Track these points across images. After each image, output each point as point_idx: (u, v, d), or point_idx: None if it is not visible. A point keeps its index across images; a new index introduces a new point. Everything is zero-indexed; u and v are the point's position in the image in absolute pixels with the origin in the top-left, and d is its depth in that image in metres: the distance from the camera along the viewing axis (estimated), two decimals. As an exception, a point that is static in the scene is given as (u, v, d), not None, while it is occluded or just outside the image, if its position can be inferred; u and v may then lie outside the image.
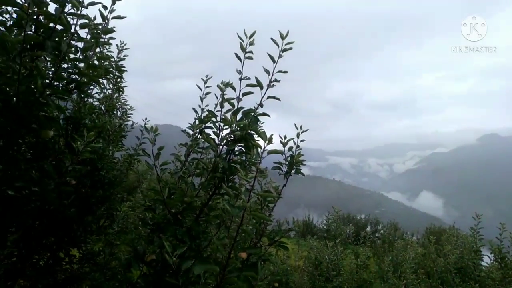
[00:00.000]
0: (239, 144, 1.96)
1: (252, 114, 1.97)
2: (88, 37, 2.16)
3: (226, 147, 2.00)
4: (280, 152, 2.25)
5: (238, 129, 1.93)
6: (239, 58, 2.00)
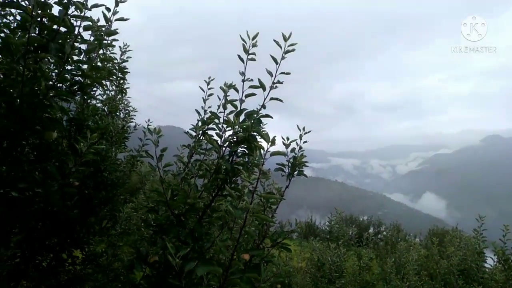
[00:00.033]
0: (242, 146, 1.97)
1: (255, 115, 1.97)
2: (91, 39, 2.16)
3: (229, 148, 2.00)
4: (282, 153, 2.25)
5: (241, 130, 1.93)
6: (242, 60, 2.00)
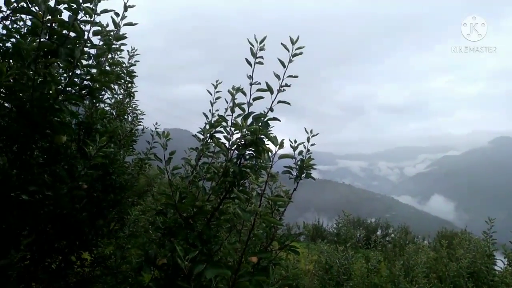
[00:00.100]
0: (250, 149, 1.97)
1: (263, 118, 1.98)
2: (100, 43, 2.18)
3: (236, 151, 2.01)
4: (291, 156, 2.25)
5: (249, 133, 1.93)
6: (249, 64, 2.01)
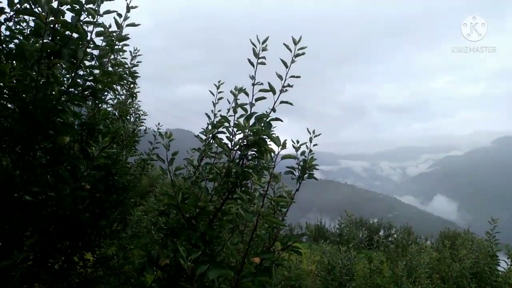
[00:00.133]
0: (252, 149, 1.97)
1: (265, 119, 1.98)
2: (103, 44, 2.19)
3: (239, 152, 2.01)
4: (293, 157, 2.25)
5: (251, 134, 1.93)
6: (252, 64, 2.01)
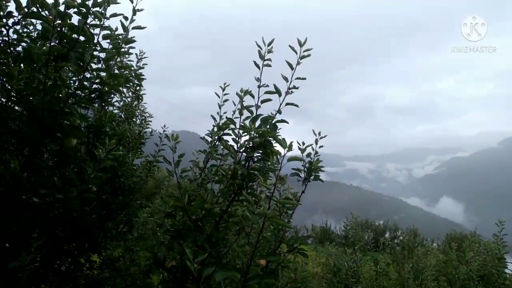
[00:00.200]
0: (258, 151, 1.97)
1: (271, 121, 1.97)
2: (109, 47, 2.20)
3: (245, 154, 2.01)
4: (299, 159, 2.25)
5: (257, 136, 1.93)
6: (257, 66, 2.01)
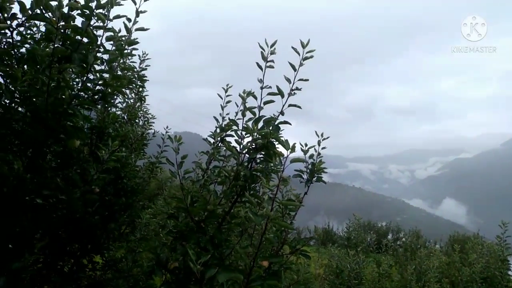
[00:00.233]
0: (261, 152, 1.97)
1: (274, 122, 1.98)
2: (112, 49, 2.20)
3: (248, 155, 2.01)
4: (302, 160, 2.25)
5: (260, 137, 1.93)
6: (260, 67, 2.02)
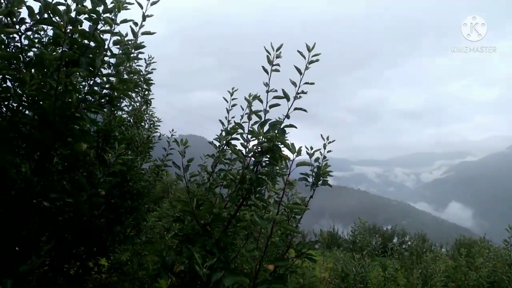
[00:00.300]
0: (267, 156, 1.97)
1: (279, 126, 1.98)
2: (119, 52, 2.22)
3: (253, 158, 2.01)
4: (308, 164, 2.24)
5: (266, 140, 1.93)
6: (266, 71, 2.02)
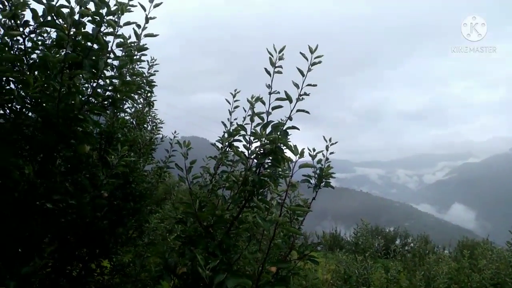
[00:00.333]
0: (269, 158, 1.97)
1: (282, 127, 1.98)
2: (122, 54, 2.22)
3: (256, 160, 2.01)
4: (311, 166, 2.24)
5: (268, 142, 1.93)
6: (268, 73, 2.02)
